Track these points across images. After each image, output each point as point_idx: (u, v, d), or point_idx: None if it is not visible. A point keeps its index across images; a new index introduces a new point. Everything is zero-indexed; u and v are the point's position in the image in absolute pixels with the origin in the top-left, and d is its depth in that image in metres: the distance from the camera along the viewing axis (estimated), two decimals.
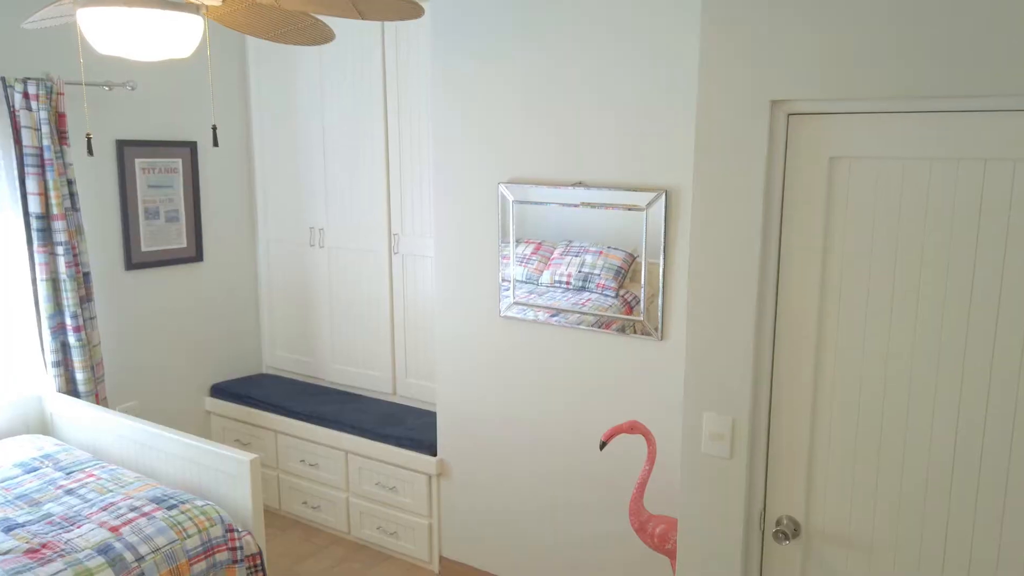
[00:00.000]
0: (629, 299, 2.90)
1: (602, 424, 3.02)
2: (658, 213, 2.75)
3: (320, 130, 4.09)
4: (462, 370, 3.39)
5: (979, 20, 1.54)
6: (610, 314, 2.92)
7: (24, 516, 2.66)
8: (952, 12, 1.56)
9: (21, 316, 3.46)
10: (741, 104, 1.83)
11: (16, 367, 3.47)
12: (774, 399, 1.91)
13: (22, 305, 3.45)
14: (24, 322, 3.47)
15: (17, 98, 3.28)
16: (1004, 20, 1.52)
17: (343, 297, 4.17)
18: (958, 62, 1.57)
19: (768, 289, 1.87)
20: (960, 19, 1.56)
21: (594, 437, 3.05)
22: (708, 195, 1.90)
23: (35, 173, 3.34)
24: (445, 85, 3.22)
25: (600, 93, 2.84)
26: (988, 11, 1.53)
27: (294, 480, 4.05)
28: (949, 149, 1.64)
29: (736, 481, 1.96)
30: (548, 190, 2.98)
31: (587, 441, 3.08)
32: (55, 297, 3.47)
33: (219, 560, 2.65)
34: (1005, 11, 1.52)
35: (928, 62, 1.60)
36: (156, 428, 3.04)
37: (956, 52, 1.57)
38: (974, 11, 1.54)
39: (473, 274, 3.28)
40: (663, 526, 2.60)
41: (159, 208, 4.05)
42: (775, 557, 1.96)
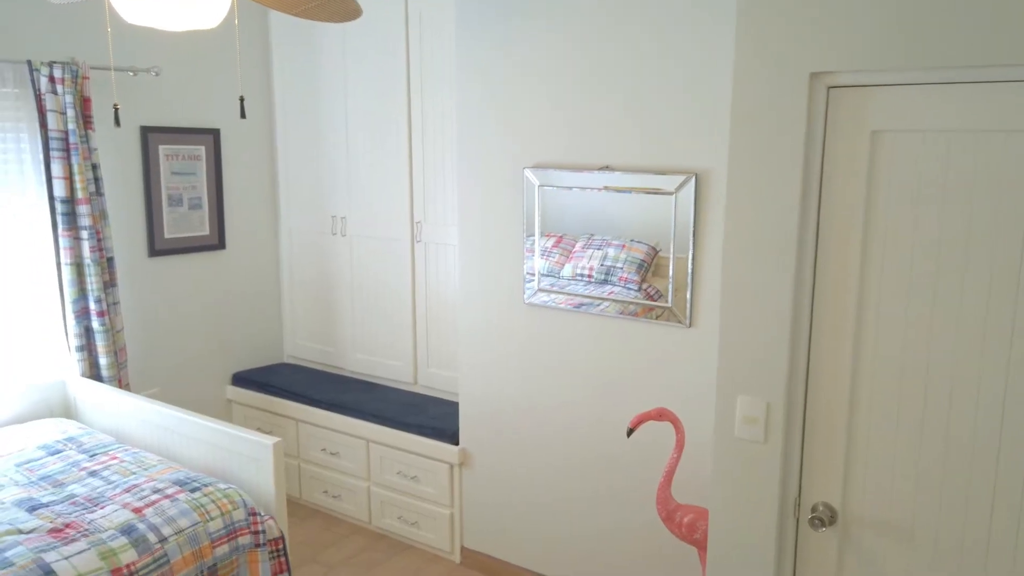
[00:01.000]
0: (652, 293, 2.86)
1: (628, 413, 2.97)
2: (687, 197, 2.70)
3: (343, 118, 4.07)
4: (485, 358, 3.35)
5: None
6: (639, 301, 2.87)
7: (48, 497, 2.66)
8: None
9: (46, 300, 3.46)
10: (779, 78, 1.78)
11: (41, 351, 3.48)
12: (811, 381, 1.85)
13: (47, 289, 3.46)
14: (49, 306, 3.47)
15: (43, 82, 3.28)
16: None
17: (365, 286, 4.15)
18: (1007, 29, 1.51)
19: (805, 268, 1.82)
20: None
21: (620, 426, 3.01)
22: (744, 173, 1.85)
23: (60, 157, 3.34)
24: (470, 69, 3.19)
25: (628, 75, 2.79)
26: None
27: (315, 469, 4.04)
28: (998, 121, 1.58)
29: (770, 466, 1.91)
30: (574, 175, 2.94)
31: (613, 430, 3.03)
32: (79, 282, 3.47)
33: (242, 544, 2.63)
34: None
35: (977, 30, 1.54)
36: (179, 412, 3.03)
37: (1005, 19, 1.51)
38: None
39: (497, 260, 3.25)
40: (691, 515, 2.55)
41: (182, 195, 4.05)
42: (810, 545, 1.91)
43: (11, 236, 3.34)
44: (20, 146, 3.30)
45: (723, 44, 2.59)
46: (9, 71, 3.22)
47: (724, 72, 2.59)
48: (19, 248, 3.37)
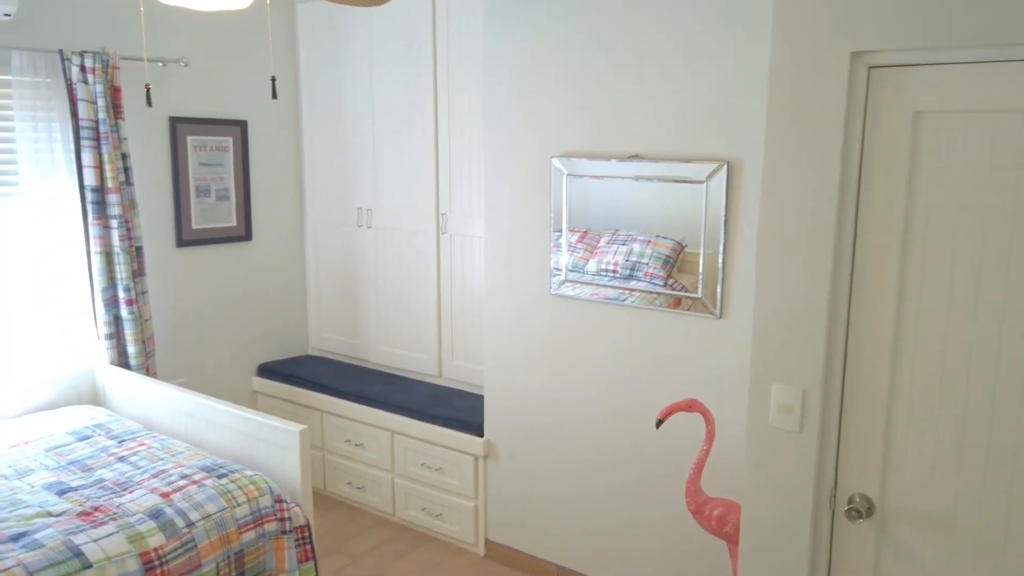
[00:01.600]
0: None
1: (656, 404, 2.94)
2: (719, 186, 2.66)
3: (369, 109, 4.06)
4: (511, 350, 3.33)
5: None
6: (667, 292, 2.83)
7: (77, 481, 2.67)
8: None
9: (76, 289, 3.49)
10: (818, 58, 1.74)
11: (71, 339, 3.51)
12: (848, 369, 1.81)
13: (77, 278, 3.48)
14: (79, 295, 3.50)
15: (74, 71, 3.30)
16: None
17: (390, 278, 4.15)
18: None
19: (844, 253, 1.77)
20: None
21: (647, 417, 2.97)
22: (780, 157, 1.81)
23: (91, 146, 3.36)
24: (498, 57, 3.17)
25: (657, 61, 2.75)
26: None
27: (339, 460, 4.04)
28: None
29: (805, 456, 1.86)
30: (602, 163, 2.91)
31: (640, 421, 2.99)
32: (109, 270, 3.50)
33: (268, 530, 2.63)
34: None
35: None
36: (206, 399, 3.04)
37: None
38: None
39: (523, 251, 3.22)
40: (721, 508, 2.51)
41: (210, 186, 4.07)
42: (847, 537, 1.87)
43: (43, 224, 3.37)
44: (52, 135, 3.33)
45: (756, 27, 2.54)
46: (41, 60, 3.25)
47: (757, 56, 2.55)
48: (51, 236, 3.39)
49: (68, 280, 3.47)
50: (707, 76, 2.66)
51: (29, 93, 3.24)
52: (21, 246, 3.34)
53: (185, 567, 2.39)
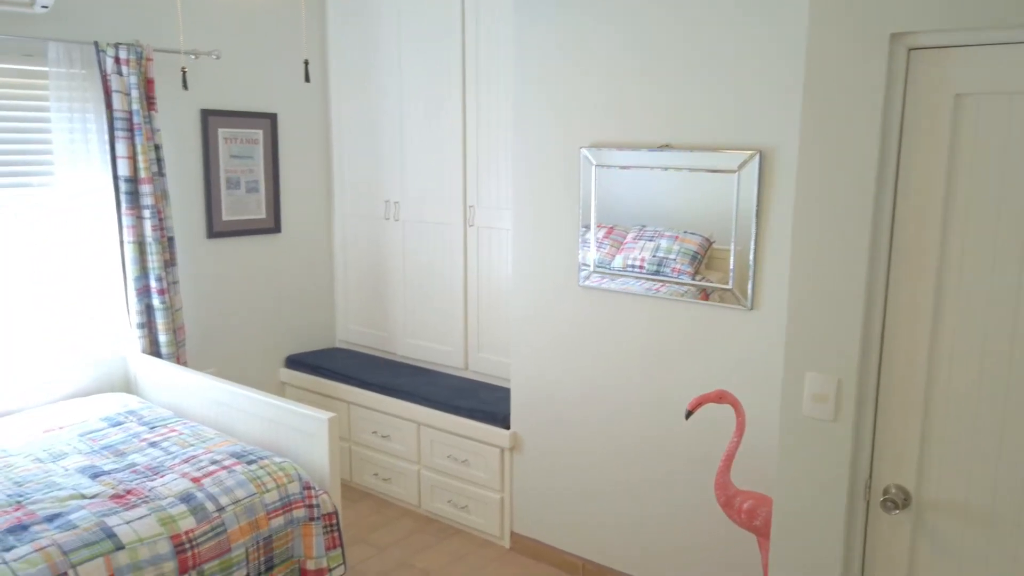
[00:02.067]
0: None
1: (685, 396, 2.91)
2: (751, 175, 2.63)
3: (397, 102, 4.07)
4: (538, 341, 3.32)
5: None
6: (697, 284, 2.81)
7: (110, 465, 2.71)
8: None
9: (109, 278, 3.54)
10: (857, 40, 1.71)
11: (104, 328, 3.56)
12: (885, 357, 1.78)
13: (110, 267, 3.53)
14: (112, 284, 3.55)
15: (109, 63, 3.35)
16: None
17: (417, 271, 4.16)
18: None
19: (881, 239, 1.74)
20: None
21: (676, 409, 2.95)
22: (817, 142, 1.78)
23: (124, 137, 3.41)
24: (528, 46, 3.16)
25: (688, 49, 2.73)
26: None
27: (366, 452, 4.06)
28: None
29: (840, 446, 1.83)
30: (632, 154, 2.89)
31: (668, 413, 2.97)
32: (141, 260, 3.54)
33: (296, 516, 2.65)
34: None
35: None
36: (236, 387, 3.07)
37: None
38: None
39: (551, 242, 3.21)
40: (751, 501, 2.48)
41: (240, 178, 4.10)
42: (881, 528, 1.84)
43: (78, 214, 3.42)
44: (87, 126, 3.38)
45: (790, 11, 2.51)
46: (77, 52, 3.30)
47: (792, 41, 2.52)
48: (85, 226, 3.44)
49: (101, 269, 3.52)
50: (739, 63, 2.63)
51: (65, 84, 3.29)
52: (56, 235, 3.40)
53: (215, 551, 2.41)
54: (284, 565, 2.63)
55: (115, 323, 3.58)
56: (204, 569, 2.38)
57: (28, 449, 2.85)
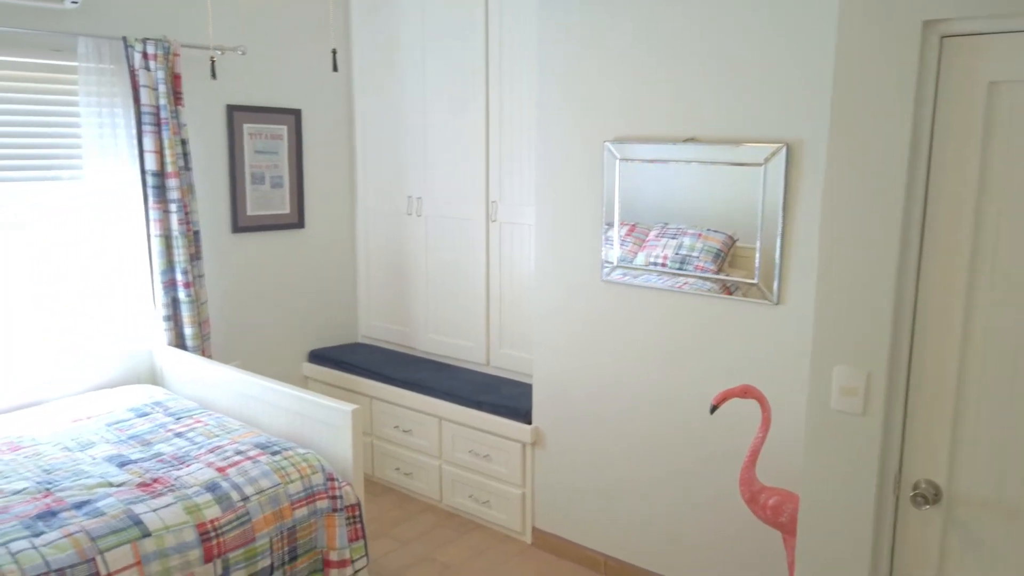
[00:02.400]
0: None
1: (709, 391, 2.89)
2: (777, 168, 2.60)
3: (421, 97, 4.08)
4: (560, 335, 3.31)
5: None
6: (721, 277, 2.79)
7: (137, 454, 2.74)
8: None
9: (136, 271, 3.58)
10: (888, 28, 1.68)
11: (131, 321, 3.60)
12: (915, 349, 1.75)
13: (137, 260, 3.57)
14: (139, 277, 3.58)
15: (137, 58, 3.39)
16: None
17: (439, 266, 4.16)
18: None
19: (912, 229, 1.72)
20: None
21: (699, 405, 2.92)
22: (847, 132, 1.76)
23: (152, 131, 3.44)
24: (551, 39, 3.15)
25: (715, 41, 2.71)
26: None
27: (388, 446, 4.07)
28: None
29: (869, 440, 1.81)
30: (657, 147, 2.87)
31: (692, 409, 2.95)
32: (167, 253, 3.58)
33: (320, 507, 2.66)
34: None
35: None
36: (260, 379, 3.10)
37: None
38: None
39: (574, 236, 3.20)
40: (776, 498, 2.46)
41: (264, 173, 4.13)
42: (911, 524, 1.81)
43: (106, 207, 3.46)
44: (115, 120, 3.42)
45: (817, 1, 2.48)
46: (106, 47, 3.34)
47: (819, 31, 2.49)
48: (113, 219, 3.48)
49: (129, 263, 3.56)
50: (766, 54, 2.60)
51: (94, 79, 3.33)
52: (85, 229, 3.44)
53: (240, 540, 2.43)
54: (307, 556, 2.64)
55: (142, 316, 3.62)
56: (229, 558, 2.40)
57: (57, 438, 2.89)
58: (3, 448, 2.78)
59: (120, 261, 3.53)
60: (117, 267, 3.53)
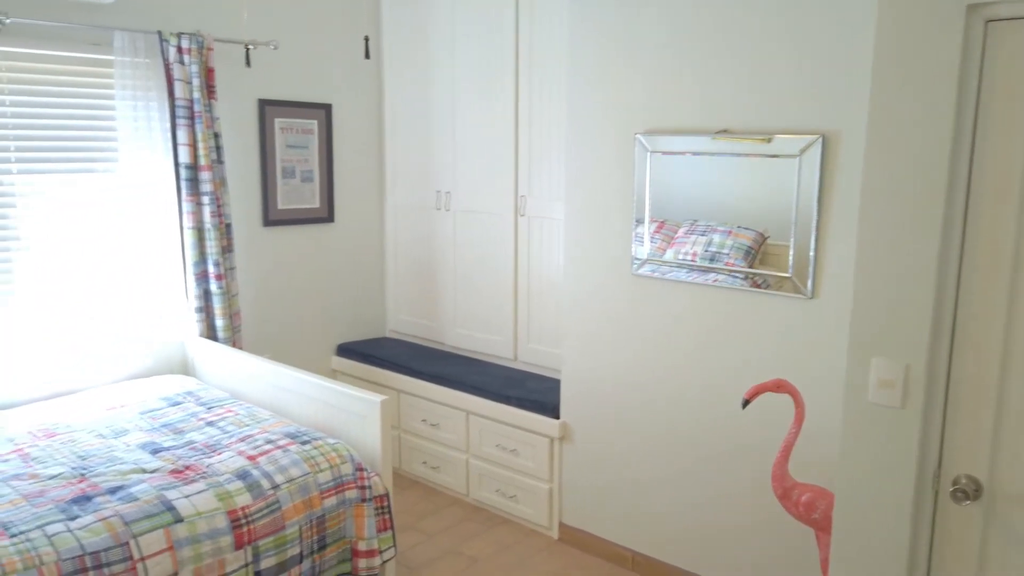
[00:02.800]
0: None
1: (741, 386, 2.86)
2: (812, 160, 2.56)
3: (450, 92, 4.08)
4: (589, 330, 3.30)
5: None
6: (753, 270, 2.76)
7: (169, 442, 2.77)
8: None
9: (169, 263, 3.62)
10: (930, 12, 1.65)
11: (164, 312, 3.64)
12: (956, 341, 1.71)
13: (170, 252, 3.61)
14: (171, 269, 3.63)
15: (171, 52, 3.43)
16: None
17: (467, 261, 4.16)
18: None
19: (954, 219, 1.68)
20: None
21: (732, 399, 2.89)
22: (887, 120, 1.73)
23: (185, 124, 3.48)
24: (582, 30, 3.13)
25: (748, 29, 2.67)
26: None
27: (415, 440, 4.08)
28: None
29: (908, 434, 1.78)
30: (689, 139, 2.84)
31: (722, 403, 2.92)
32: (200, 246, 3.61)
33: (348, 497, 2.67)
34: None
35: None
36: (291, 370, 3.12)
37: None
38: None
39: (603, 229, 3.18)
40: (809, 494, 2.42)
41: (295, 168, 4.16)
42: (951, 520, 1.77)
43: (140, 200, 3.50)
44: (150, 114, 3.46)
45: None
46: (141, 41, 3.38)
47: (857, 17, 2.45)
48: (147, 212, 3.53)
49: (162, 254, 3.60)
50: (801, 42, 2.56)
51: (130, 73, 3.37)
52: (119, 221, 3.49)
53: (270, 527, 2.45)
54: (336, 545, 2.65)
55: (174, 307, 3.66)
56: (259, 545, 2.42)
57: (92, 426, 2.93)
58: (40, 434, 2.83)
59: (153, 253, 3.57)
60: (150, 259, 3.57)
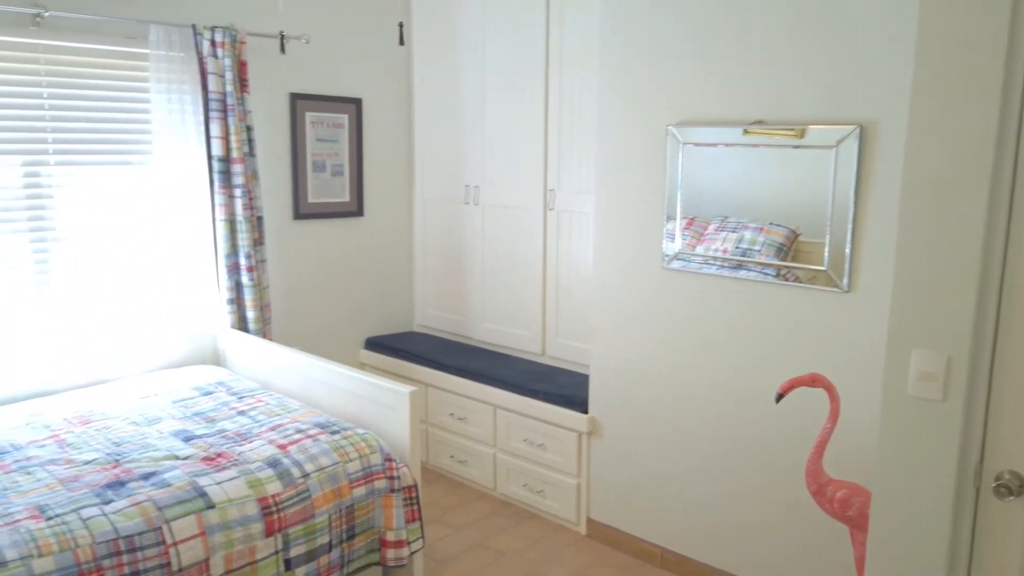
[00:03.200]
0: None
1: (774, 380, 2.82)
2: (849, 150, 2.51)
3: (480, 86, 4.08)
4: (619, 323, 3.27)
5: None
6: (788, 264, 2.71)
7: (201, 430, 2.80)
8: None
9: (201, 255, 3.65)
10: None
11: (196, 303, 3.67)
12: (1000, 332, 1.67)
13: (203, 244, 3.64)
14: (203, 260, 3.66)
15: (205, 45, 3.46)
16: None
17: (495, 255, 4.15)
18: None
19: (999, 206, 1.63)
20: None
21: (764, 394, 2.85)
22: (929, 104, 1.68)
23: (218, 117, 3.51)
24: (614, 21, 3.11)
25: (782, 16, 2.63)
26: None
27: (442, 434, 4.08)
28: None
29: (949, 428, 1.73)
30: (723, 130, 2.81)
31: (756, 398, 2.88)
32: (231, 238, 3.64)
33: (377, 487, 2.67)
34: None
35: None
36: (320, 361, 3.13)
37: None
38: None
39: (634, 225, 3.15)
40: (844, 491, 2.37)
41: (325, 162, 4.18)
42: (992, 517, 1.72)
43: (174, 192, 3.54)
44: (183, 106, 3.49)
45: None
46: (176, 35, 3.42)
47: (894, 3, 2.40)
48: (180, 203, 3.56)
49: (194, 246, 3.63)
50: (838, 29, 2.52)
51: (164, 66, 3.41)
52: (153, 212, 3.53)
53: (300, 516, 2.46)
54: (365, 535, 2.65)
55: (206, 299, 3.69)
56: (289, 533, 2.43)
57: (126, 413, 2.97)
58: (75, 421, 2.87)
59: (186, 245, 3.61)
60: (183, 251, 3.61)
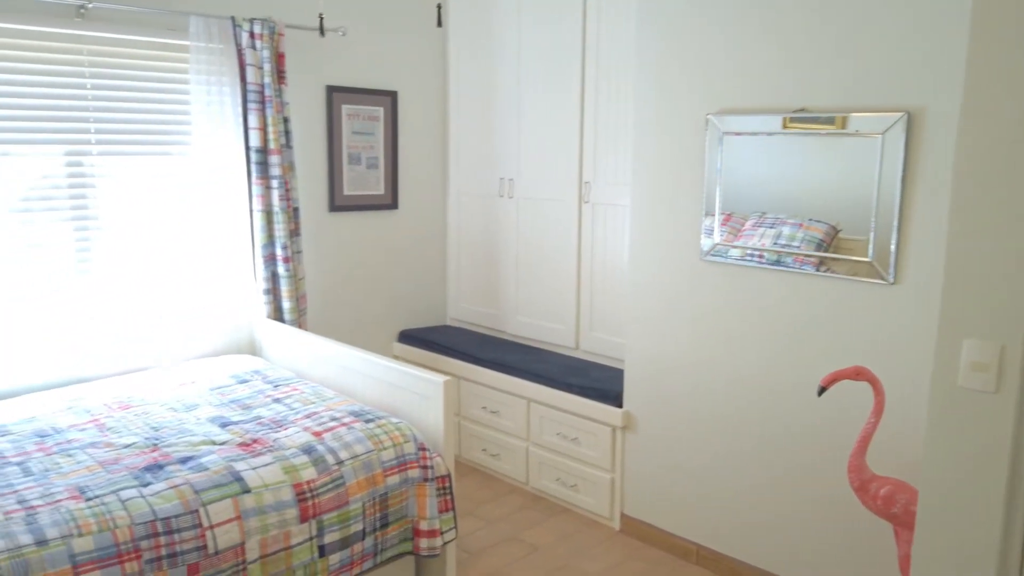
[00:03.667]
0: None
1: (815, 374, 2.76)
2: (896, 138, 2.45)
3: (515, 79, 4.06)
4: (655, 317, 3.23)
5: None
6: (830, 255, 2.65)
7: (238, 416, 2.82)
8: None
9: (238, 245, 3.68)
10: None
11: (233, 294, 3.71)
12: None
13: (240, 234, 3.67)
14: (241, 251, 3.69)
15: (244, 37, 3.49)
16: None
17: (530, 248, 4.13)
18: None
19: None
20: None
21: (806, 388, 2.79)
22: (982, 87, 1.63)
23: (256, 109, 3.54)
24: (651, 7, 3.07)
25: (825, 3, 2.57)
26: None
27: (475, 427, 4.07)
28: None
29: (1001, 420, 1.67)
30: (764, 118, 2.75)
31: (797, 392, 2.82)
32: (268, 228, 3.67)
33: (411, 476, 2.67)
34: None
35: None
36: (355, 350, 3.14)
37: None
38: None
39: (671, 217, 3.11)
40: (888, 487, 2.31)
41: (361, 154, 4.19)
42: None
43: (212, 182, 3.57)
44: (222, 98, 3.53)
45: None
46: (215, 26, 3.45)
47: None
48: (218, 194, 3.60)
49: (231, 236, 3.66)
50: (883, 12, 2.45)
51: (204, 58, 3.44)
52: (192, 202, 3.57)
53: (334, 502, 2.46)
54: (398, 524, 2.65)
55: (243, 289, 3.72)
56: (323, 519, 2.43)
57: (164, 399, 3.00)
58: (115, 407, 2.91)
59: (224, 235, 3.64)
60: (221, 240, 3.64)
